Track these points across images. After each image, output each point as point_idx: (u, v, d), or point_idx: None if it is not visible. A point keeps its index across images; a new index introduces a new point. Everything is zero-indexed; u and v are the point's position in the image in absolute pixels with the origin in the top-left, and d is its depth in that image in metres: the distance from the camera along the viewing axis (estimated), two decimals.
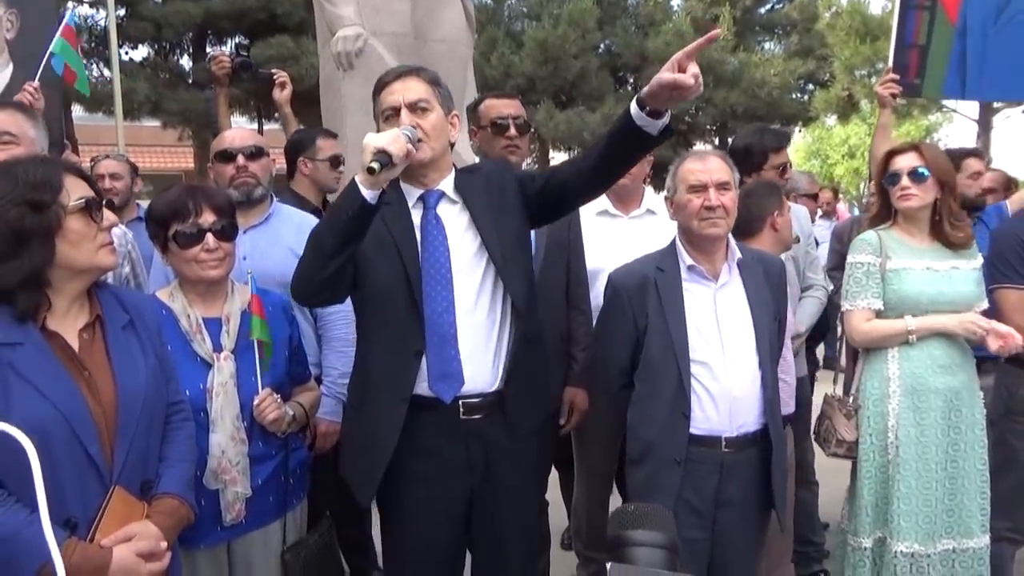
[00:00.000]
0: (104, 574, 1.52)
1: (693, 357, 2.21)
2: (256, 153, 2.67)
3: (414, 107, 2.02)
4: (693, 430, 2.20)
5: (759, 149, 3.26)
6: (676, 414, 2.20)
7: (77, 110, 12.95)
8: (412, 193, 2.10)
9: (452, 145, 2.15)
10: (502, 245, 2.06)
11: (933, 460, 2.53)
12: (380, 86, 2.09)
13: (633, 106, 1.84)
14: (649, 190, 3.27)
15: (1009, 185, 4.47)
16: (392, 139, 1.83)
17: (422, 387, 2.03)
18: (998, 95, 4.25)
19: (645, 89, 1.81)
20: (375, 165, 1.77)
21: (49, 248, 1.54)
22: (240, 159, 2.63)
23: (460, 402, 2.03)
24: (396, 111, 2.02)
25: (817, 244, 3.76)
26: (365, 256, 2.01)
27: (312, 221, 2.80)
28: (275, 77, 3.87)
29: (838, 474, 2.95)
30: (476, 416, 2.05)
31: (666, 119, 1.86)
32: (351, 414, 2.18)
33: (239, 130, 2.92)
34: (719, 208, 2.21)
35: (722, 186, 2.23)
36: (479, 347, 2.04)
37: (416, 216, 2.08)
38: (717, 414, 2.21)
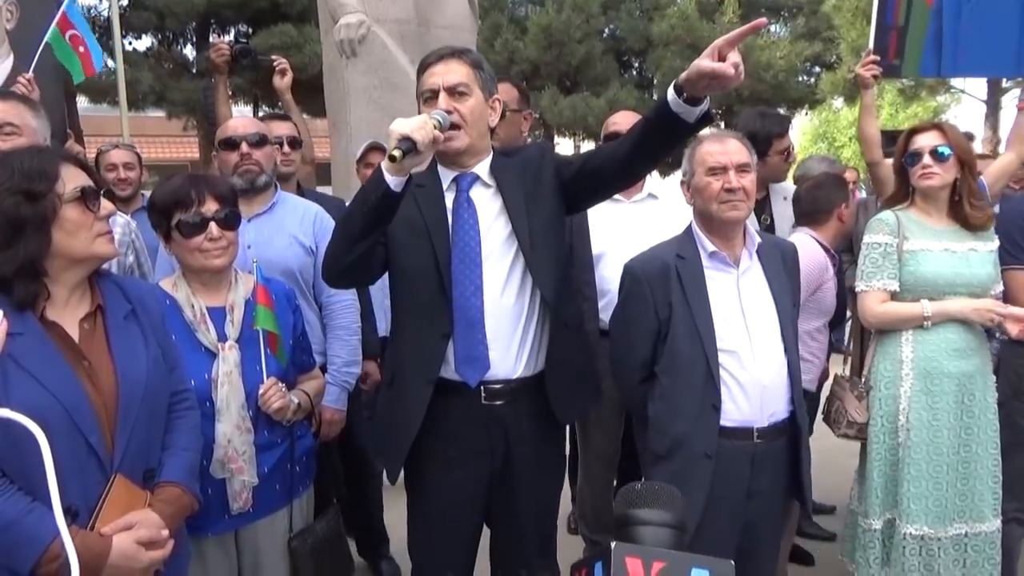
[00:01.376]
0: (104, 562, 1.53)
1: (721, 346, 2.14)
2: (260, 141, 2.66)
3: (453, 91, 2.00)
4: (725, 422, 2.14)
5: (763, 135, 3.22)
6: (706, 406, 2.14)
7: (82, 101, 12.95)
8: (447, 176, 2.10)
9: (492, 130, 2.14)
10: (532, 233, 2.05)
11: (945, 444, 2.51)
12: (423, 67, 2.08)
13: (671, 92, 1.79)
14: (654, 175, 3.26)
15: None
16: (418, 125, 1.80)
17: (448, 371, 2.06)
18: (970, 71, 4.34)
19: (683, 75, 1.76)
20: (397, 153, 1.76)
21: (45, 237, 1.54)
22: (244, 147, 2.62)
23: (482, 387, 2.05)
24: (435, 93, 2.00)
25: None
26: (396, 237, 2.03)
27: (315, 210, 2.79)
28: (275, 64, 3.84)
29: (847, 456, 2.95)
30: (497, 402, 2.07)
31: (704, 105, 1.79)
32: (384, 392, 2.22)
33: (243, 118, 2.91)
34: (739, 191, 2.14)
35: (742, 168, 2.17)
36: (505, 333, 2.05)
37: (449, 199, 2.08)
38: (748, 405, 2.16)
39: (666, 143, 1.92)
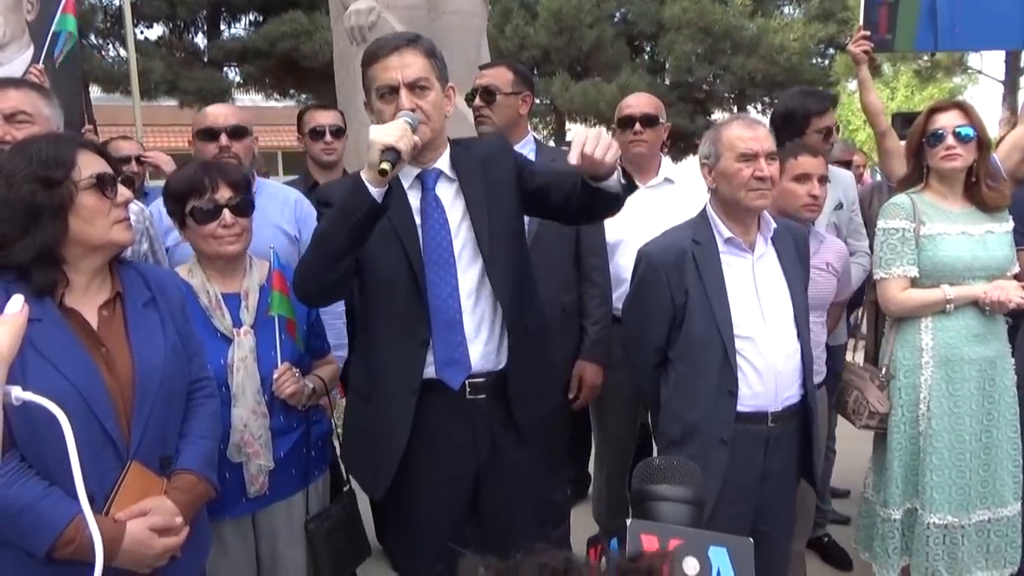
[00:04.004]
0: (118, 547, 1.53)
1: (737, 332, 2.14)
2: (239, 132, 2.60)
3: (413, 87, 1.89)
4: (740, 407, 2.15)
5: (801, 113, 3.12)
6: (723, 392, 2.14)
7: (94, 90, 13.01)
8: (408, 173, 1.99)
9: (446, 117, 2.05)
10: (491, 236, 1.99)
11: (967, 431, 2.48)
12: (373, 58, 1.93)
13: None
14: (667, 160, 3.24)
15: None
16: (400, 134, 1.71)
17: (429, 371, 2.00)
18: (972, 44, 4.23)
19: None
20: (386, 166, 1.66)
21: (61, 224, 1.55)
22: (223, 138, 2.57)
23: (466, 383, 2.00)
24: (394, 90, 1.89)
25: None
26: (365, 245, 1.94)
27: (294, 196, 2.72)
28: None
29: (856, 441, 2.94)
30: (480, 396, 2.02)
31: (614, 177, 1.80)
32: (358, 406, 2.13)
33: (223, 106, 2.80)
34: (768, 179, 2.12)
35: (771, 156, 2.15)
36: (483, 330, 2.01)
37: (414, 199, 2.00)
38: (764, 390, 2.16)
39: (601, 207, 1.92)
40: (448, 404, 2.00)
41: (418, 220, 1.98)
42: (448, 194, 2.02)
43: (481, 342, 2.01)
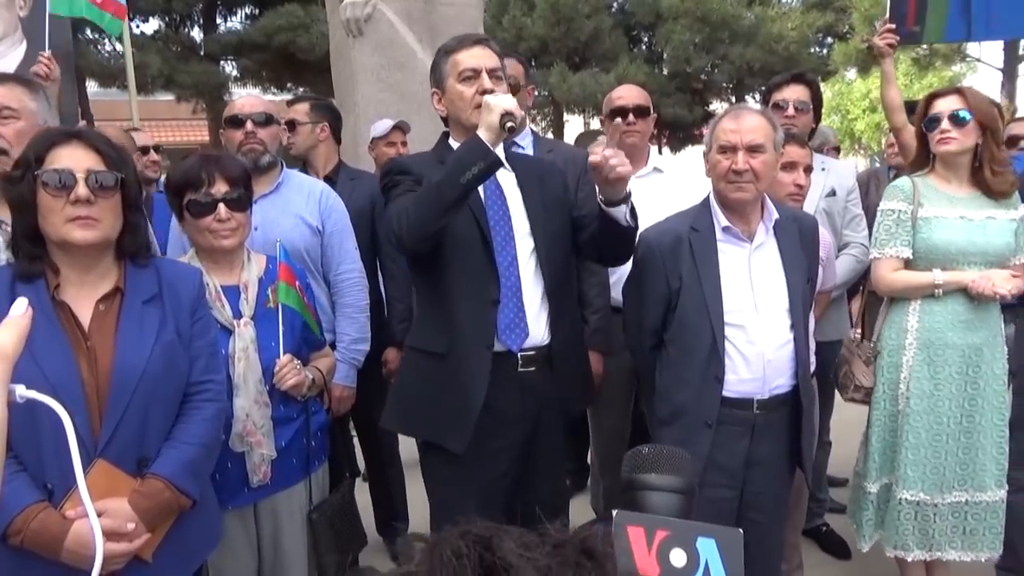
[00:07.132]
0: (59, 545, 1.51)
1: (727, 320, 2.16)
2: (266, 120, 2.66)
3: (492, 74, 2.12)
4: (726, 393, 2.17)
5: (767, 88, 3.33)
6: (709, 377, 2.17)
7: (91, 86, 12.99)
8: None
9: None
10: (544, 220, 2.18)
11: (946, 414, 2.51)
12: (455, 48, 2.16)
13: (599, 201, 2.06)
14: (665, 150, 3.25)
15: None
16: (515, 103, 1.94)
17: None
18: (1008, 33, 4.10)
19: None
20: (511, 124, 1.91)
21: (28, 217, 1.59)
22: (249, 125, 2.62)
23: (519, 354, 2.13)
24: (477, 73, 2.11)
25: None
26: None
27: (321, 188, 2.79)
28: None
29: (855, 429, 2.95)
30: (531, 368, 2.14)
31: (624, 209, 2.05)
32: (430, 365, 2.17)
33: (250, 97, 2.90)
34: (746, 172, 2.11)
35: (754, 149, 2.11)
36: (537, 302, 2.16)
37: None
38: (751, 377, 2.18)
39: (611, 243, 2.17)
40: (502, 376, 2.11)
41: (482, 195, 2.14)
42: (506, 179, 2.20)
43: (534, 314, 2.15)
